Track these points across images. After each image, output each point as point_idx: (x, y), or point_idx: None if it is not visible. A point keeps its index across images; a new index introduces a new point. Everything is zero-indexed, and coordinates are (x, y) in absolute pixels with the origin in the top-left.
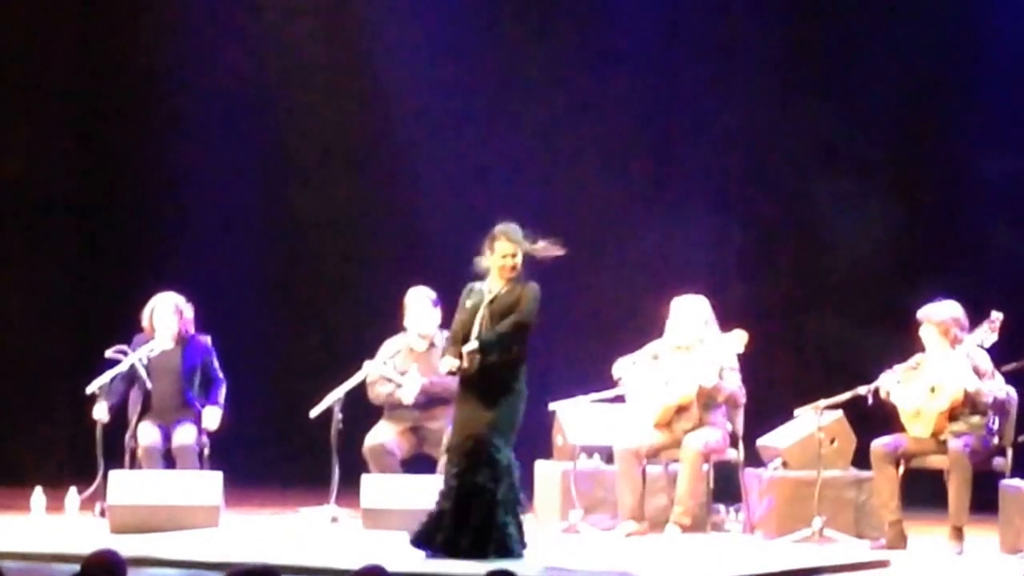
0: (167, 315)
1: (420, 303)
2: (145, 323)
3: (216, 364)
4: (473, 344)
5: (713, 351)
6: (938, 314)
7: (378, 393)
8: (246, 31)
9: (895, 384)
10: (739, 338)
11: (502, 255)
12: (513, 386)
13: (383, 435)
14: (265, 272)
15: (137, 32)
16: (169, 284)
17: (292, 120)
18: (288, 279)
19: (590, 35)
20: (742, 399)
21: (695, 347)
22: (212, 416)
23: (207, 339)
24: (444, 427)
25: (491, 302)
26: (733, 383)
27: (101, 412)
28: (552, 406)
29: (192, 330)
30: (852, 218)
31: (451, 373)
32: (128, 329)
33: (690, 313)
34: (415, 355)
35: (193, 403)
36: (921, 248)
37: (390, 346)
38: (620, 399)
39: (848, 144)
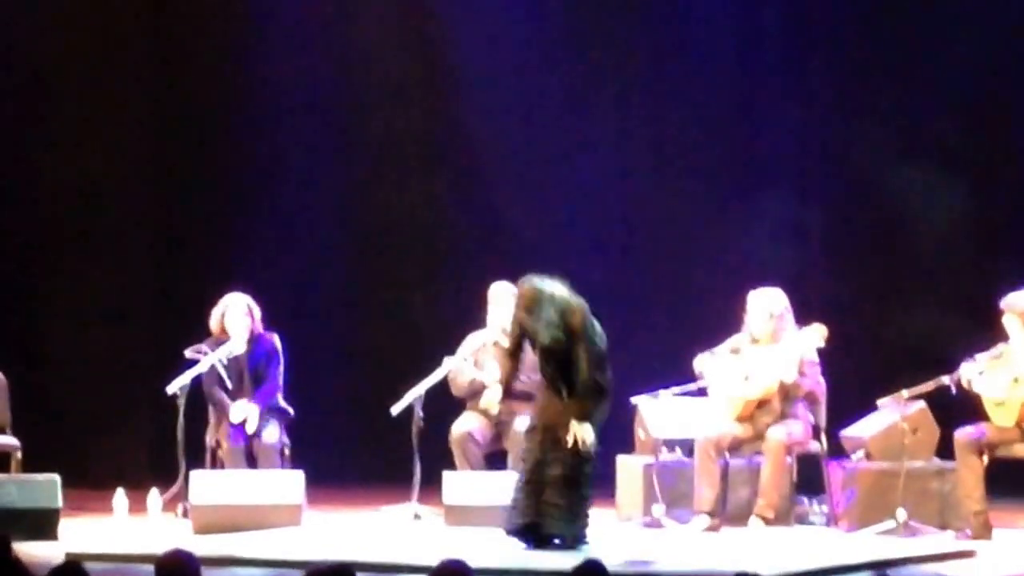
0: (240, 316)
1: (504, 298)
2: (214, 325)
3: (275, 364)
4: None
5: (793, 346)
6: (1021, 303)
7: (461, 384)
8: (321, 34)
9: (978, 374)
10: (818, 332)
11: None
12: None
13: (470, 423)
14: (345, 270)
15: (214, 36)
16: (247, 283)
17: (369, 116)
18: (367, 277)
19: (667, 27)
20: (821, 395)
21: (774, 341)
22: (248, 413)
23: (273, 337)
24: (524, 423)
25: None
26: (812, 378)
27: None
28: (634, 400)
29: (260, 329)
30: (933, 205)
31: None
32: (207, 329)
33: (760, 307)
34: (499, 350)
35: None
36: (1003, 235)
37: (473, 340)
38: (702, 392)
39: (928, 131)
